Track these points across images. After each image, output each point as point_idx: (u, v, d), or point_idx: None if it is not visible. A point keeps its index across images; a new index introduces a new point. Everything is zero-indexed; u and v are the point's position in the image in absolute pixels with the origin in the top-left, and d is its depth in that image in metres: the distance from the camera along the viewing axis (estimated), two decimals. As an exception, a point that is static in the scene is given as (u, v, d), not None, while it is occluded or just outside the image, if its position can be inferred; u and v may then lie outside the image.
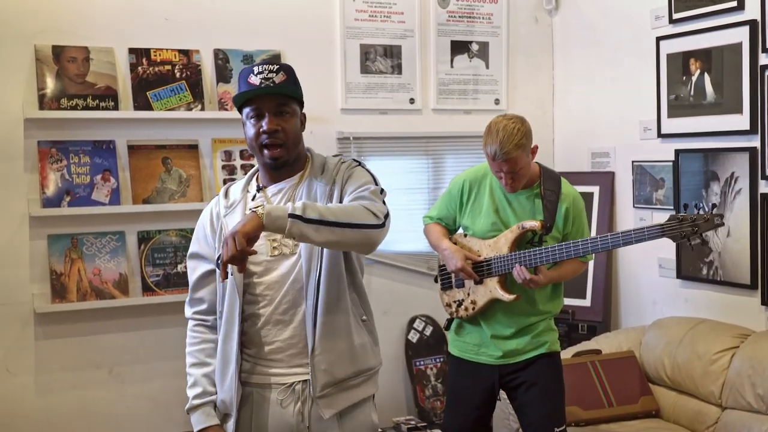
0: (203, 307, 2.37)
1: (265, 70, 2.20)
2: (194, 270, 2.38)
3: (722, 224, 2.79)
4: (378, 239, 2.17)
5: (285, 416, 2.24)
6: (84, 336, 3.83)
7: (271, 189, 2.30)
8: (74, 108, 3.73)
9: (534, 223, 2.98)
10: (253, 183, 2.36)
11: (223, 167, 4.02)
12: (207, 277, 2.35)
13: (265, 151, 2.22)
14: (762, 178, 3.53)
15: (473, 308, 3.12)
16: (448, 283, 3.25)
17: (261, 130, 2.20)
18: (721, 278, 3.73)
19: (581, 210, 3.10)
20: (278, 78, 2.20)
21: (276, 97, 2.20)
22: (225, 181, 4.00)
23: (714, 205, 2.80)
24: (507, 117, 2.98)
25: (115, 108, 3.80)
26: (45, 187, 3.68)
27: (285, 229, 2.03)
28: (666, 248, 4.00)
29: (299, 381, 2.24)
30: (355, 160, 2.37)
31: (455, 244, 3.16)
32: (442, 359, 4.46)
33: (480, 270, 3.09)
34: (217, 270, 2.27)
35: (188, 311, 2.41)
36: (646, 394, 3.69)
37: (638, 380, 3.71)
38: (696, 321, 3.70)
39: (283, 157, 2.23)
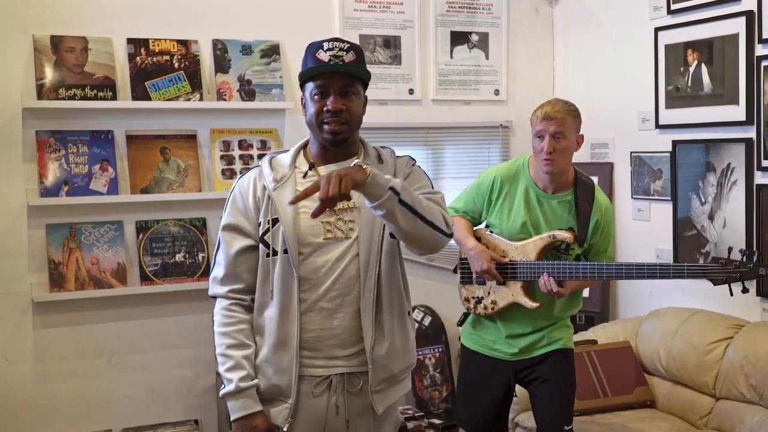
0: (241, 285, 2.24)
1: (335, 47, 2.16)
2: (230, 243, 2.24)
3: (766, 275, 2.71)
4: (443, 245, 2.21)
5: (318, 408, 2.20)
6: (82, 325, 3.86)
7: (324, 169, 2.22)
8: (72, 98, 3.74)
9: (566, 235, 2.93)
10: (302, 158, 2.28)
11: (222, 157, 4.04)
12: (246, 252, 2.23)
13: (325, 127, 2.16)
14: (758, 169, 3.52)
15: (493, 308, 3.08)
16: (468, 278, 3.16)
17: (325, 108, 2.15)
18: (718, 269, 3.72)
19: (610, 221, 3.07)
20: (348, 57, 2.16)
21: (344, 76, 2.16)
22: (224, 172, 4.02)
23: (759, 253, 2.75)
24: (559, 99, 3.03)
25: (114, 98, 3.81)
26: (43, 177, 3.70)
27: (380, 198, 1.98)
28: (664, 239, 4.01)
29: (336, 374, 2.20)
30: (410, 157, 2.37)
31: (479, 239, 3.10)
32: (440, 349, 4.47)
33: (504, 271, 3.03)
34: (261, 247, 2.18)
35: (220, 289, 2.25)
36: (641, 385, 3.70)
37: (633, 370, 3.72)
38: (691, 312, 3.70)
39: (343, 133, 2.17)
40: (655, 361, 3.70)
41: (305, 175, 2.24)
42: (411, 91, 4.49)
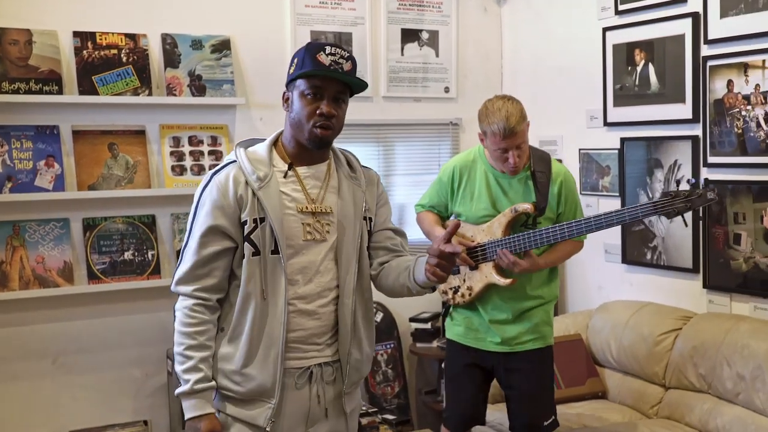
0: (210, 282, 2.19)
1: (337, 53, 2.15)
2: (206, 246, 2.17)
3: (716, 199, 2.77)
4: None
5: (302, 399, 2.22)
6: (27, 326, 3.75)
7: (303, 171, 2.24)
8: (16, 92, 3.63)
9: (527, 206, 2.99)
10: (277, 157, 2.25)
11: (171, 153, 3.97)
12: (222, 254, 2.19)
13: (316, 130, 2.16)
14: (704, 166, 3.62)
15: (470, 294, 3.12)
16: None
17: (318, 111, 2.15)
18: (665, 263, 3.83)
19: (573, 188, 3.13)
20: (347, 66, 2.17)
21: (339, 83, 2.17)
22: (173, 168, 3.95)
23: (707, 180, 2.79)
24: (499, 97, 3.01)
25: (59, 92, 3.71)
26: (-14, 173, 3.59)
27: (428, 286, 2.23)
28: (612, 234, 4.09)
29: (315, 365, 2.23)
30: (368, 168, 2.41)
31: None
32: (392, 345, 4.48)
33: (475, 255, 3.08)
34: (246, 246, 2.16)
35: (185, 287, 2.19)
36: (593, 376, 3.78)
37: (585, 363, 3.79)
38: (640, 304, 3.79)
39: (328, 138, 2.19)
40: (606, 353, 3.78)
41: (285, 175, 2.22)
42: (362, 88, 4.48)
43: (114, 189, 3.82)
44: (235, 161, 2.23)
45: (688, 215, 2.82)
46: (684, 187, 2.86)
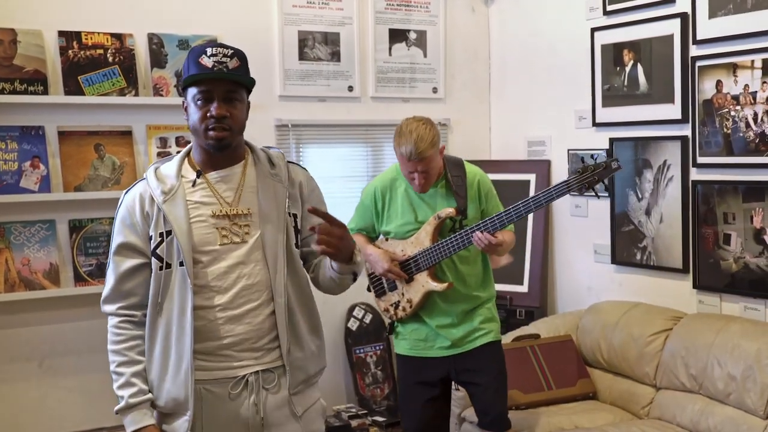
0: (132, 301, 2.21)
1: (219, 53, 2.13)
2: (120, 262, 2.20)
3: (620, 168, 2.91)
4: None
5: (238, 409, 2.18)
6: (12, 328, 3.70)
7: (213, 176, 2.22)
8: (1, 92, 3.59)
9: (449, 210, 3.05)
10: (187, 167, 2.24)
11: (159, 154, 3.93)
12: (138, 270, 2.20)
13: (210, 133, 2.14)
14: (693, 166, 3.63)
15: (410, 306, 3.16)
16: (381, 289, 3.27)
17: (209, 114, 2.13)
18: (654, 263, 3.83)
19: (489, 185, 3.18)
20: (232, 63, 2.14)
21: (227, 82, 2.14)
22: (160, 169, 3.91)
23: (608, 152, 2.85)
24: (416, 119, 3.03)
25: (45, 92, 3.67)
26: (-30, 174, 3.54)
27: (344, 273, 2.23)
28: (601, 234, 4.10)
29: (251, 373, 2.18)
30: (304, 168, 2.39)
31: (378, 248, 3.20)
32: (381, 347, 4.46)
33: (408, 268, 3.13)
34: (153, 261, 2.17)
35: (110, 307, 2.23)
36: (584, 377, 3.77)
37: (576, 363, 3.79)
38: (630, 305, 3.79)
39: (226, 139, 2.16)
40: (596, 354, 3.77)
41: (194, 184, 2.21)
42: (350, 88, 4.47)
43: (101, 190, 3.78)
44: (144, 179, 2.24)
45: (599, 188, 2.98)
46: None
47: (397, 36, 4.60)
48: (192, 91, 2.16)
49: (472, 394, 3.21)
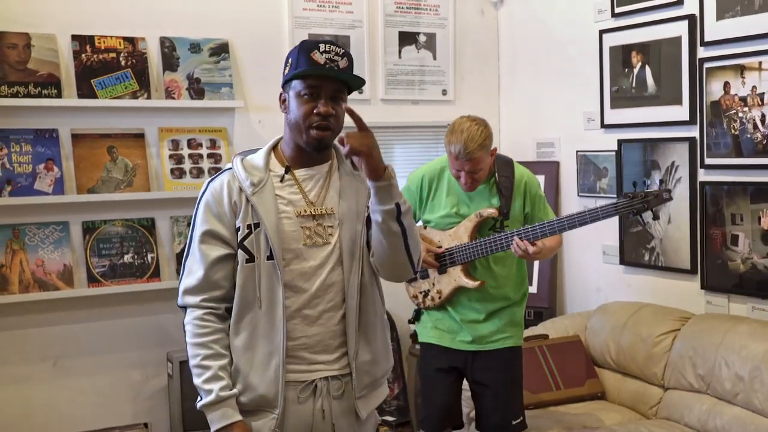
0: (218, 293, 2.16)
1: (331, 50, 2.10)
2: (207, 251, 2.14)
3: (671, 198, 2.90)
4: (406, 279, 2.34)
5: (303, 414, 2.16)
6: (27, 329, 3.74)
7: (301, 173, 2.19)
8: (15, 95, 3.63)
9: (491, 210, 3.05)
10: (275, 161, 2.22)
11: (171, 156, 3.97)
12: (225, 260, 2.15)
13: (312, 132, 2.10)
14: (701, 167, 3.64)
15: (439, 297, 3.16)
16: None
17: (315, 111, 2.09)
18: (663, 264, 3.84)
19: (537, 189, 3.17)
20: (342, 63, 2.11)
21: (336, 81, 2.11)
22: (173, 171, 3.95)
23: (662, 182, 2.89)
24: (470, 118, 3.03)
25: (58, 96, 3.71)
26: (-15, 177, 3.59)
27: (384, 205, 2.07)
28: (610, 236, 4.11)
29: (320, 378, 2.17)
30: None
31: None
32: (392, 348, 4.47)
33: (443, 260, 3.13)
34: (240, 253, 2.13)
35: (192, 298, 2.16)
36: (592, 377, 3.79)
37: (584, 364, 3.81)
38: (639, 305, 3.80)
39: (327, 139, 2.13)
40: (604, 354, 3.79)
41: (282, 179, 2.18)
42: (360, 91, 4.50)
43: (113, 192, 3.82)
44: (231, 168, 2.21)
45: (647, 215, 2.94)
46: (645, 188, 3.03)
47: (406, 39, 4.62)
48: (298, 85, 2.12)
49: (477, 393, 3.21)
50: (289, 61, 2.17)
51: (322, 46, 2.10)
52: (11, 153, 3.65)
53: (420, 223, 3.27)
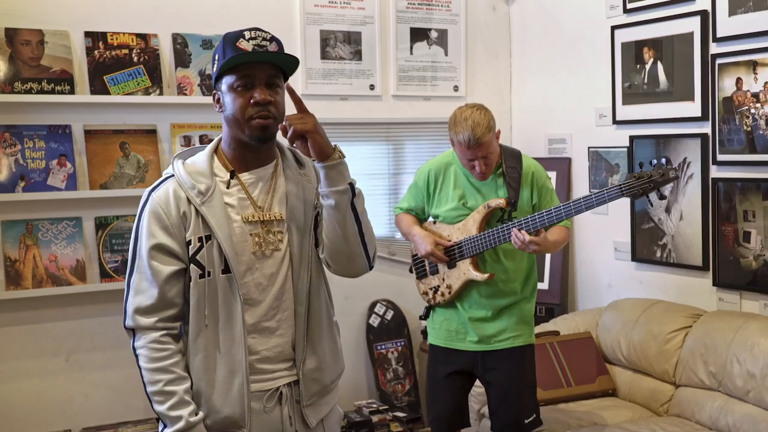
0: (172, 312, 2.01)
1: (258, 36, 1.98)
2: (158, 268, 1.98)
3: (677, 177, 2.82)
4: (360, 274, 2.16)
5: (272, 423, 2.07)
6: (40, 323, 3.78)
7: (246, 177, 2.06)
8: (28, 92, 3.66)
9: (499, 201, 3.04)
10: (218, 164, 2.06)
11: (182, 152, 3.99)
12: (177, 276, 2.00)
13: (253, 122, 1.97)
14: (713, 163, 3.63)
15: (449, 292, 3.15)
16: (423, 272, 3.27)
17: (252, 101, 1.96)
18: (674, 261, 3.83)
19: (545, 180, 3.16)
20: (272, 47, 1.99)
21: (269, 66, 1.98)
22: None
23: (668, 160, 2.84)
24: (469, 106, 3.03)
25: (71, 92, 3.74)
26: (-1, 172, 3.62)
27: (336, 186, 1.95)
28: (622, 232, 4.10)
29: (284, 384, 2.09)
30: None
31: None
32: (402, 343, 4.49)
33: (452, 254, 3.12)
34: (192, 268, 1.98)
35: (146, 320, 1.99)
36: (603, 374, 3.78)
37: (595, 360, 3.80)
38: (650, 302, 3.79)
39: (271, 128, 1.99)
40: (616, 351, 3.78)
41: (228, 185, 2.04)
42: (372, 87, 4.50)
43: (126, 188, 3.85)
44: (173, 175, 2.05)
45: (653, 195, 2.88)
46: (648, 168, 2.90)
47: (418, 35, 4.62)
48: (229, 79, 1.99)
49: (488, 394, 3.20)
50: (216, 56, 2.05)
51: (247, 33, 1.99)
52: (25, 149, 3.68)
53: (430, 219, 3.27)
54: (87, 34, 3.80)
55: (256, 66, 1.98)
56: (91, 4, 3.83)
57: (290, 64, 2.05)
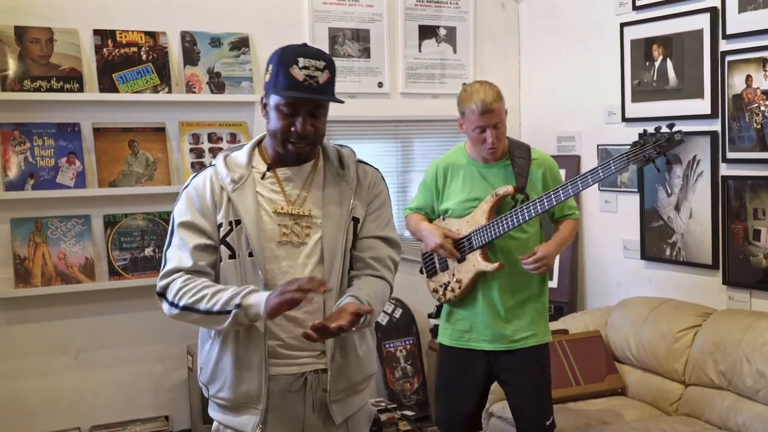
0: (204, 277, 2.10)
1: (311, 65, 2.03)
2: (187, 239, 2.10)
3: (683, 141, 2.73)
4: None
5: (295, 406, 2.13)
6: (49, 321, 3.79)
7: (283, 172, 2.17)
8: (38, 90, 3.67)
9: (507, 188, 3.02)
10: (258, 158, 2.19)
11: (191, 150, 3.99)
12: (206, 249, 2.11)
13: (290, 146, 2.10)
14: (723, 161, 3.61)
15: (459, 287, 3.11)
16: (432, 269, 3.24)
17: (293, 129, 2.07)
18: (684, 259, 3.81)
19: (557, 172, 3.16)
20: (322, 78, 2.04)
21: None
22: (193, 165, 3.97)
23: (672, 124, 2.79)
24: (476, 81, 3.09)
25: (80, 90, 3.75)
26: (7, 170, 3.63)
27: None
28: (631, 230, 4.09)
29: (311, 371, 2.13)
30: (376, 169, 2.31)
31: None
32: (411, 341, 4.49)
33: (461, 247, 3.09)
34: (222, 249, 2.08)
35: (175, 274, 2.09)
36: (613, 373, 3.77)
37: (604, 359, 3.79)
38: (660, 301, 3.78)
39: (306, 154, 2.14)
40: (625, 350, 3.77)
41: (263, 176, 2.17)
42: (380, 84, 4.50)
43: (134, 186, 3.85)
44: (214, 166, 2.19)
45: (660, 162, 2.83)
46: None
47: (426, 32, 4.61)
48: (276, 99, 2.08)
49: (509, 395, 3.17)
50: (269, 68, 2.11)
51: (301, 61, 2.03)
52: (34, 147, 3.69)
53: (440, 217, 3.25)
54: (96, 32, 3.81)
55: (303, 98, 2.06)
56: (100, 2, 3.84)
57: (335, 100, 2.10)
